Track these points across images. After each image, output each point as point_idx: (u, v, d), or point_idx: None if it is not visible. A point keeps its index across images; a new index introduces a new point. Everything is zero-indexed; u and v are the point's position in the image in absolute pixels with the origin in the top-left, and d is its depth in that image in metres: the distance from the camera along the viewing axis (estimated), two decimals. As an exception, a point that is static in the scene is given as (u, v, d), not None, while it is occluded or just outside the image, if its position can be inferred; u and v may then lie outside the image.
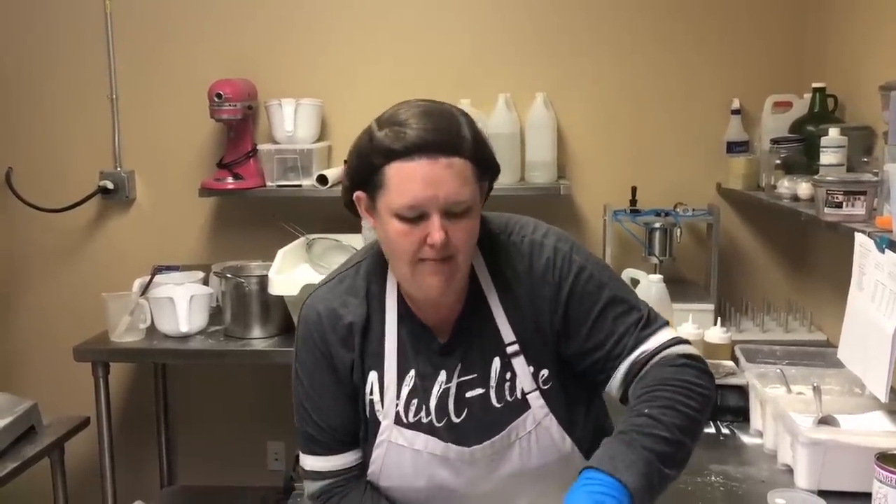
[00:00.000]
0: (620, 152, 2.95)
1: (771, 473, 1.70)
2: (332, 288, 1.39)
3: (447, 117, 1.23)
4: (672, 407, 1.21)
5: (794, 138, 2.47)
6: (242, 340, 2.67)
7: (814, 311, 2.69)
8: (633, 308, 1.33)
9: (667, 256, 2.75)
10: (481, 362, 1.34)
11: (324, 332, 1.36)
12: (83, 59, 3.03)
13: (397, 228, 1.23)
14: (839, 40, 2.60)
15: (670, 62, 2.90)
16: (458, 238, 1.23)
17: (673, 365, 1.27)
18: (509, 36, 2.93)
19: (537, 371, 1.34)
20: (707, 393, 1.27)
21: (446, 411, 1.35)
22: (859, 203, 1.83)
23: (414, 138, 1.19)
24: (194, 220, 3.09)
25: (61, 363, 2.80)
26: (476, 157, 1.24)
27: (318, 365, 1.37)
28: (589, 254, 1.37)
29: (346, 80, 2.97)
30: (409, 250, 1.23)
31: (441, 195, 1.20)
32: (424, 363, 1.35)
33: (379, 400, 1.36)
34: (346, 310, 1.35)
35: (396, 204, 1.21)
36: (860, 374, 1.73)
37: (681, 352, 1.30)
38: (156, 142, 3.06)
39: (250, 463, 3.18)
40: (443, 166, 1.20)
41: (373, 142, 1.22)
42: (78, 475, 2.96)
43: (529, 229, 1.37)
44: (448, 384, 1.34)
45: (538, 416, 1.34)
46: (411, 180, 1.19)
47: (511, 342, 1.33)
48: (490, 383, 1.34)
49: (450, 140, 1.21)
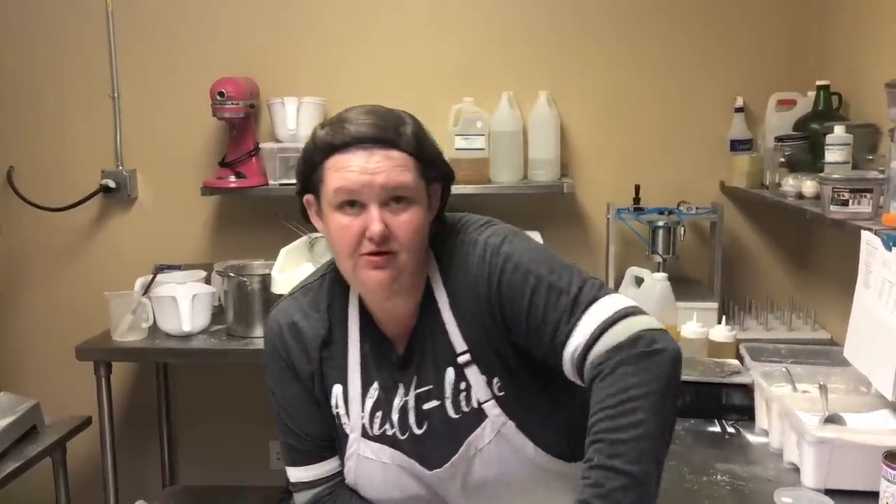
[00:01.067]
0: (624, 150, 2.94)
1: (777, 472, 1.69)
2: (295, 299, 1.39)
3: (389, 115, 1.25)
4: (618, 441, 1.11)
5: (798, 136, 2.46)
6: (245, 339, 2.66)
7: (818, 310, 2.68)
8: (565, 289, 1.22)
9: (670, 255, 2.74)
10: (435, 373, 1.31)
11: (286, 344, 1.36)
12: (85, 57, 3.03)
13: (337, 222, 1.22)
14: (843, 38, 2.59)
15: (674, 60, 2.89)
16: (400, 231, 1.21)
17: (607, 366, 1.14)
18: (512, 34, 2.92)
19: (490, 379, 1.29)
20: (654, 386, 1.12)
21: (408, 424, 1.33)
22: (865, 201, 1.82)
23: (352, 132, 1.21)
24: (196, 219, 3.08)
25: (63, 362, 2.79)
26: (416, 152, 1.24)
27: (285, 376, 1.37)
28: (520, 241, 1.30)
29: (348, 78, 2.97)
30: (350, 244, 1.22)
31: (378, 182, 1.20)
32: (385, 376, 1.34)
33: (344, 413, 1.36)
34: (307, 322, 1.35)
35: (333, 192, 1.21)
36: (867, 372, 1.72)
37: (614, 342, 1.15)
38: (158, 140, 3.05)
39: (253, 462, 3.17)
40: (380, 157, 1.20)
41: (315, 141, 1.25)
42: (80, 475, 2.96)
43: (471, 227, 1.33)
44: (406, 397, 1.33)
45: (496, 424, 1.30)
46: (348, 170, 1.20)
47: (463, 351, 1.29)
48: (445, 394, 1.31)
49: (388, 134, 1.21)
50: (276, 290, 2.52)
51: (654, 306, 2.30)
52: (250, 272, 2.71)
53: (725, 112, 2.86)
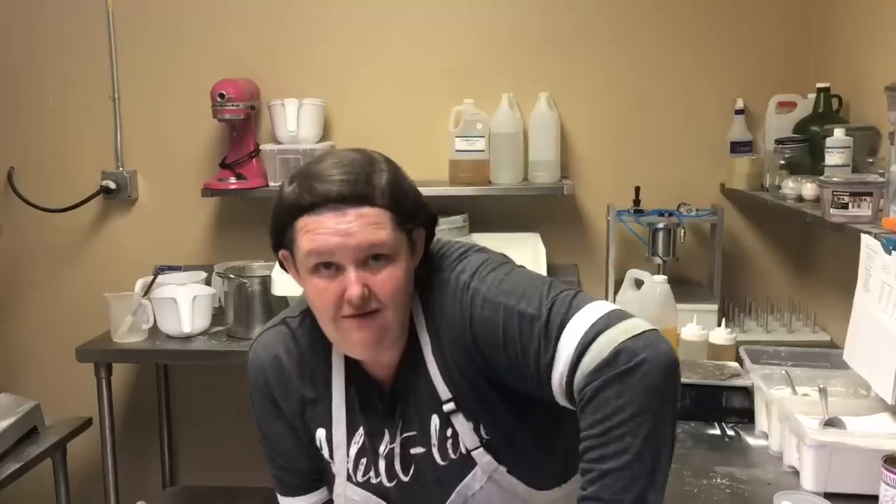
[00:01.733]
0: (624, 152, 2.94)
1: (777, 475, 1.69)
2: (276, 332, 1.33)
3: (358, 165, 1.15)
4: (606, 472, 1.06)
5: (798, 139, 2.46)
6: (245, 341, 2.65)
7: (817, 312, 2.68)
8: (534, 316, 1.14)
9: (670, 257, 2.74)
10: (419, 420, 1.26)
11: (267, 379, 1.31)
12: (85, 58, 3.03)
13: (314, 285, 1.16)
14: (844, 40, 2.59)
15: (674, 62, 2.89)
16: (381, 291, 1.15)
17: (589, 391, 1.08)
18: (512, 35, 2.92)
19: (477, 426, 1.24)
20: (639, 405, 1.06)
21: (395, 472, 1.29)
22: (865, 204, 1.82)
23: (320, 191, 1.12)
24: (196, 221, 3.08)
25: (63, 363, 2.79)
26: (392, 204, 1.15)
27: (270, 413, 1.32)
28: (489, 273, 1.22)
29: (348, 79, 2.97)
30: (329, 307, 1.16)
31: (352, 243, 1.12)
32: (371, 423, 1.29)
33: (329, 456, 1.31)
34: (290, 362, 1.30)
35: (305, 255, 1.14)
36: (866, 375, 1.73)
37: (592, 365, 1.08)
38: (158, 142, 3.05)
39: (253, 463, 3.11)
40: (353, 216, 1.12)
41: (283, 199, 1.17)
42: (80, 476, 2.96)
43: (447, 262, 1.25)
44: (392, 444, 1.28)
45: (487, 469, 1.25)
46: (318, 232, 1.13)
47: (447, 399, 1.23)
48: (431, 441, 1.26)
49: (358, 190, 1.13)
50: (277, 291, 2.53)
51: (654, 309, 2.30)
52: (250, 273, 2.72)
53: (725, 114, 2.86)
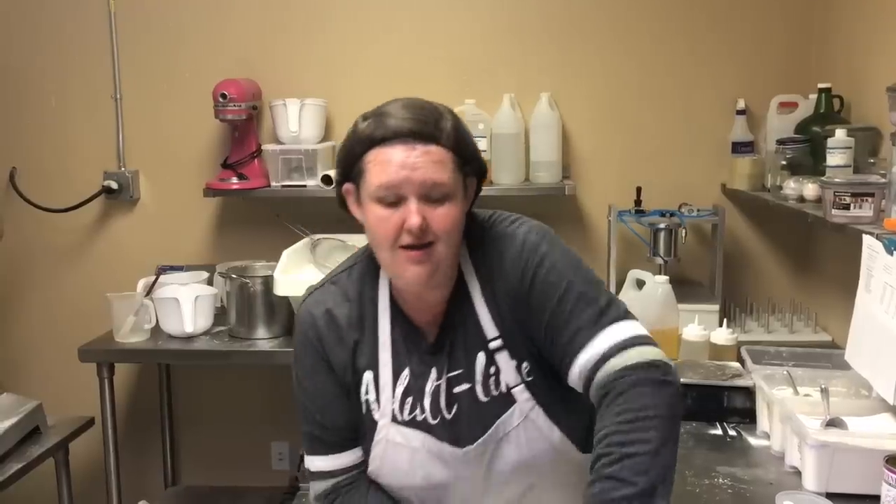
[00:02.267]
0: (625, 152, 2.94)
1: (779, 475, 1.70)
2: (325, 290, 1.40)
3: (429, 110, 1.26)
4: (627, 455, 1.15)
5: (799, 139, 2.46)
6: (247, 341, 2.66)
7: (819, 312, 2.68)
8: (592, 301, 1.27)
9: (671, 257, 2.74)
10: (466, 358, 1.35)
11: (320, 333, 1.37)
12: (86, 58, 3.03)
13: (377, 213, 1.25)
14: (845, 41, 2.59)
15: (675, 62, 2.89)
16: (437, 225, 1.24)
17: (623, 383, 1.20)
18: (514, 36, 2.93)
19: (520, 364, 1.34)
20: (665, 413, 1.18)
21: (439, 408, 1.36)
22: (867, 205, 1.82)
23: (393, 125, 1.23)
24: (198, 221, 3.08)
25: (66, 363, 2.80)
26: (455, 147, 1.26)
27: (318, 367, 1.38)
28: (559, 245, 1.34)
29: (350, 80, 2.97)
30: (389, 236, 1.24)
31: (417, 177, 1.22)
32: (417, 362, 1.36)
33: (375, 399, 1.37)
34: (340, 311, 1.37)
35: (374, 186, 1.24)
36: (868, 376, 1.73)
37: (632, 361, 1.21)
38: (160, 142, 3.06)
39: (254, 463, 3.18)
40: (420, 152, 1.22)
41: (356, 132, 1.27)
42: (82, 476, 2.96)
43: (507, 222, 1.37)
44: (438, 381, 1.36)
45: (524, 409, 1.34)
46: (388, 164, 1.22)
47: (494, 337, 1.33)
48: (476, 378, 1.34)
49: (427, 129, 1.23)
50: (279, 291, 2.53)
51: (655, 309, 2.30)
52: (252, 274, 2.72)
53: (727, 114, 2.86)
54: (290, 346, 2.62)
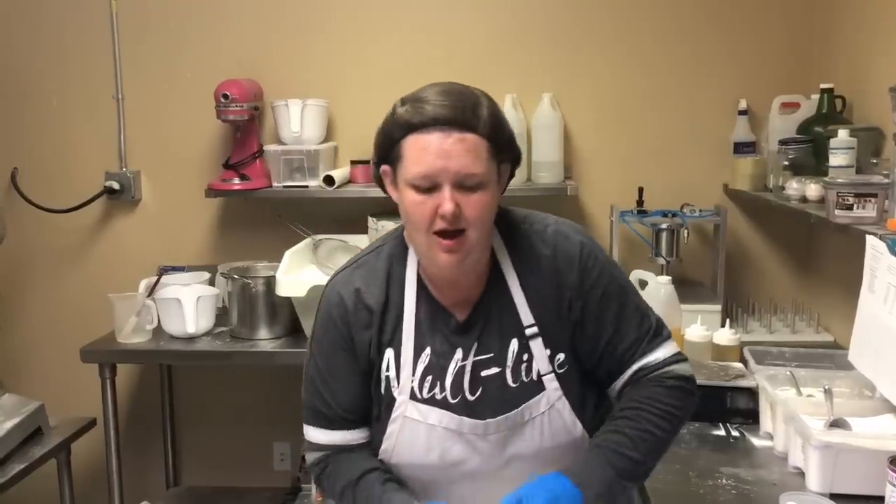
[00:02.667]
0: (627, 153, 2.94)
1: (782, 476, 1.69)
2: (353, 271, 1.44)
3: (466, 96, 1.29)
4: (649, 430, 1.34)
5: (802, 139, 2.46)
6: (249, 341, 2.66)
7: (821, 312, 2.68)
8: (646, 317, 1.41)
9: (673, 257, 2.74)
10: (499, 343, 1.38)
11: (345, 313, 1.40)
12: (88, 58, 3.03)
13: (412, 198, 1.28)
14: (847, 41, 2.59)
15: (677, 62, 2.89)
16: (471, 212, 1.27)
17: (664, 386, 1.37)
18: (516, 36, 2.92)
19: (554, 354, 1.38)
20: (684, 418, 1.39)
21: (461, 389, 1.38)
22: (870, 205, 1.82)
23: (430, 112, 1.26)
24: (200, 221, 3.08)
25: (67, 364, 2.80)
26: (491, 135, 1.29)
27: (336, 346, 1.41)
28: (608, 258, 1.44)
29: (351, 80, 2.97)
30: (424, 220, 1.28)
31: (452, 167, 1.25)
32: (441, 341, 1.39)
33: (395, 376, 1.40)
34: (367, 290, 1.40)
35: (411, 174, 1.27)
36: (872, 377, 1.73)
37: (677, 373, 1.39)
38: (162, 142, 3.06)
39: (256, 464, 3.18)
40: (455, 140, 1.25)
41: (394, 116, 1.30)
42: (84, 476, 2.96)
43: (551, 220, 1.43)
44: (464, 362, 1.38)
45: (552, 398, 1.38)
46: (425, 151, 1.26)
47: (530, 325, 1.37)
48: (507, 363, 1.38)
49: (464, 116, 1.26)
50: (281, 292, 2.53)
51: (658, 309, 2.25)
52: (254, 274, 2.72)
53: (728, 115, 2.86)
54: (293, 346, 2.66)
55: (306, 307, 2.52)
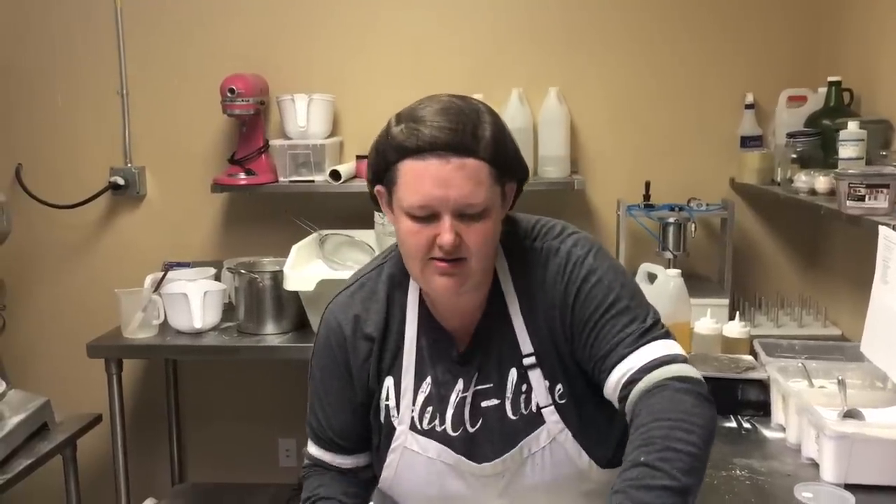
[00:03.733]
0: (633, 147, 2.93)
1: (796, 467, 1.69)
2: (353, 293, 1.38)
3: (466, 115, 1.19)
4: (670, 447, 1.11)
5: (810, 132, 2.45)
6: (256, 336, 2.65)
7: (828, 306, 2.68)
8: (636, 318, 1.25)
9: (681, 251, 2.73)
10: (498, 372, 1.31)
11: (343, 340, 1.35)
12: (93, 54, 3.02)
13: (409, 227, 1.21)
14: (854, 34, 2.59)
15: (683, 57, 2.89)
16: (472, 241, 1.20)
17: (667, 390, 1.17)
18: (523, 31, 2.92)
19: (553, 385, 1.30)
20: (708, 424, 1.17)
21: (462, 421, 1.32)
22: (882, 196, 1.81)
23: (427, 137, 1.16)
24: (205, 217, 3.08)
25: (74, 360, 2.80)
26: (494, 158, 1.20)
27: (332, 372, 1.38)
28: (606, 258, 1.31)
29: (357, 75, 2.96)
30: (420, 249, 1.21)
31: (452, 196, 1.17)
32: (443, 371, 1.33)
33: (395, 406, 1.35)
34: (367, 316, 1.35)
35: (406, 203, 1.20)
36: (885, 367, 1.72)
37: (675, 374, 1.19)
38: (166, 137, 3.05)
39: (262, 460, 3.17)
40: (454, 167, 1.17)
41: (388, 137, 1.21)
42: (90, 472, 2.96)
43: (553, 233, 1.32)
44: (465, 393, 1.32)
45: (553, 431, 1.31)
46: (422, 180, 1.17)
47: (528, 353, 1.30)
48: (506, 394, 1.31)
49: (464, 140, 1.17)
50: (289, 286, 2.52)
51: (668, 303, 2.29)
52: (261, 269, 2.71)
53: (735, 108, 2.86)
54: (300, 341, 2.65)
55: (314, 302, 2.52)
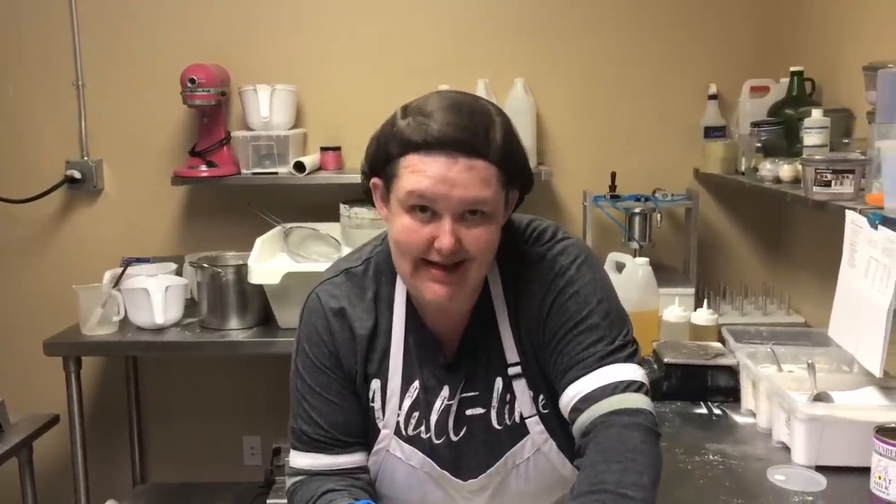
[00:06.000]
0: (599, 138, 2.94)
1: (767, 451, 1.70)
2: (339, 284, 1.29)
3: (478, 115, 1.13)
4: (624, 495, 1.09)
5: (774, 121, 2.48)
6: (219, 332, 2.60)
7: (791, 295, 2.71)
8: (603, 337, 1.20)
9: (647, 241, 2.75)
10: (484, 380, 1.27)
11: (331, 329, 1.28)
12: (47, 43, 2.93)
13: (406, 224, 1.15)
14: (815, 25, 2.62)
15: (648, 48, 2.90)
16: (472, 246, 1.14)
17: (614, 428, 1.14)
18: (488, 21, 2.90)
19: (536, 395, 1.26)
20: (655, 462, 1.14)
21: (445, 429, 1.28)
22: (847, 181, 1.83)
23: (435, 133, 1.10)
24: (165, 211, 3.01)
25: (29, 358, 2.71)
26: (504, 162, 1.14)
27: (323, 363, 1.28)
28: (590, 270, 1.25)
29: (321, 65, 2.92)
30: (415, 249, 1.15)
31: (456, 195, 1.11)
32: (429, 376, 1.28)
33: (380, 408, 1.29)
34: (354, 313, 1.27)
35: (405, 194, 1.13)
36: (853, 350, 1.74)
37: (622, 406, 1.16)
38: (125, 130, 2.97)
39: (226, 458, 3.11)
40: (462, 167, 1.10)
41: (394, 130, 1.15)
42: (47, 475, 2.88)
43: (543, 239, 1.27)
44: (450, 401, 1.27)
45: (537, 441, 1.28)
46: (424, 175, 1.11)
47: (514, 363, 1.26)
48: (492, 403, 1.27)
49: (475, 140, 1.11)
50: (254, 280, 2.48)
51: (636, 291, 2.30)
52: (224, 263, 2.66)
53: (699, 99, 2.88)
54: (265, 336, 2.61)
55: (279, 295, 2.48)
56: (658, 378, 2.00)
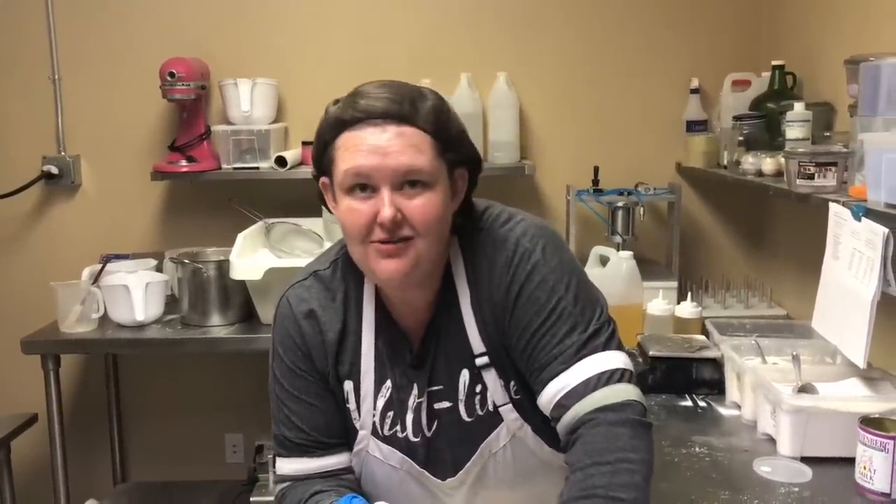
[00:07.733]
0: (582, 132, 2.94)
1: (753, 443, 1.71)
2: (309, 287, 1.29)
3: (407, 89, 1.15)
4: (615, 498, 1.07)
5: (756, 115, 2.49)
6: (201, 329, 2.57)
7: (773, 287, 2.73)
8: (576, 325, 1.17)
9: (630, 235, 2.75)
10: (448, 373, 1.25)
11: (302, 332, 1.27)
12: (22, 37, 2.88)
13: (347, 206, 1.15)
14: (795, 18, 2.63)
15: (630, 42, 2.90)
16: (415, 216, 1.13)
17: (601, 426, 1.12)
18: (471, 15, 2.89)
19: (507, 383, 1.24)
20: (647, 457, 1.12)
21: (421, 426, 1.27)
22: (830, 174, 1.84)
23: (363, 106, 1.12)
24: (145, 206, 2.97)
25: (6, 356, 2.68)
26: (435, 130, 1.14)
27: (298, 366, 1.28)
28: (556, 252, 1.22)
29: (302, 59, 2.89)
30: (360, 229, 1.14)
31: (390, 164, 1.11)
32: (400, 375, 1.27)
33: (356, 409, 1.29)
34: (324, 315, 1.27)
35: (342, 174, 1.14)
36: (836, 342, 1.75)
37: (608, 402, 1.13)
38: (102, 124, 2.93)
39: (207, 456, 3.08)
40: (392, 135, 1.11)
41: (327, 117, 1.17)
42: (26, 475, 2.84)
43: (500, 220, 1.24)
44: (420, 398, 1.26)
45: (512, 428, 1.26)
46: (357, 149, 1.12)
47: (481, 353, 1.23)
48: (458, 396, 1.25)
49: (402, 108, 1.12)
50: (236, 275, 2.45)
51: (620, 285, 2.31)
52: (205, 259, 2.63)
53: (681, 94, 2.89)
54: (247, 332, 2.57)
55: (262, 291, 2.45)
56: (643, 371, 2.00)
